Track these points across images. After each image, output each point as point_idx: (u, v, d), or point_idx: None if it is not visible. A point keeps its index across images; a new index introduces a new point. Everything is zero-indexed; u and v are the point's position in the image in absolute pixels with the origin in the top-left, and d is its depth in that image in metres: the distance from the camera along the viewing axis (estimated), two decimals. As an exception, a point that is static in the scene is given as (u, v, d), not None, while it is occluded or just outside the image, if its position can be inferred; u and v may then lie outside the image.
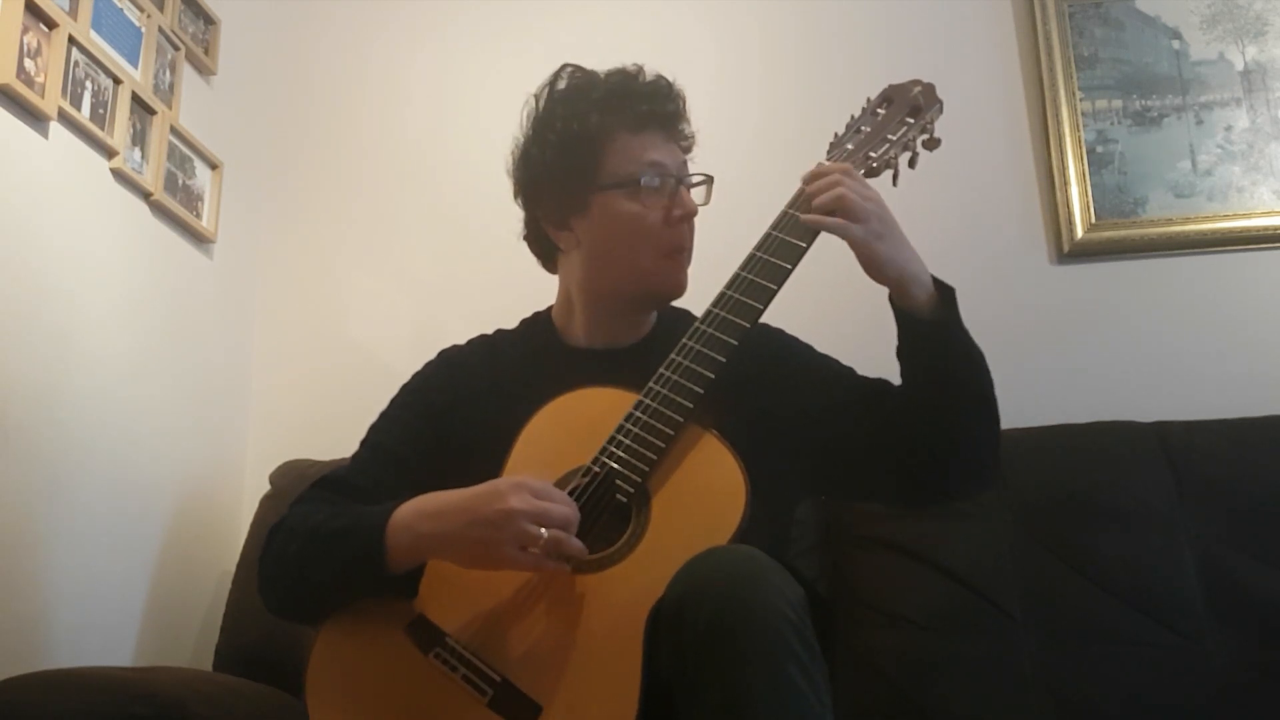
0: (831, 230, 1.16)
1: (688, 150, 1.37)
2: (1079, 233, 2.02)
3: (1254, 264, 2.00)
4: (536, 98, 1.36)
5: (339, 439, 1.70)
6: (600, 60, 1.38)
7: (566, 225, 1.34)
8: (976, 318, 1.97)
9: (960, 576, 1.65)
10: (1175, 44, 2.11)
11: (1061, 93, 2.09)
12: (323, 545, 1.16)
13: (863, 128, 1.30)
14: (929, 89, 1.32)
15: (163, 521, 1.79)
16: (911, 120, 1.29)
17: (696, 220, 1.34)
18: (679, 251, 1.31)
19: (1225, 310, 1.98)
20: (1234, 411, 1.77)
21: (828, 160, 1.27)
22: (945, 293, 1.20)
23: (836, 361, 1.36)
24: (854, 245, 1.16)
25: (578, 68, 1.36)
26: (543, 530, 1.04)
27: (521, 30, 2.24)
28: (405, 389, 1.39)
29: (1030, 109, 2.12)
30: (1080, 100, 2.09)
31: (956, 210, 2.06)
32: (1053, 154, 2.07)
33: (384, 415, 1.36)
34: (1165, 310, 1.99)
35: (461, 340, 1.45)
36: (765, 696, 0.89)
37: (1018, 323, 2.00)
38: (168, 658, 1.75)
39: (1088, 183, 2.05)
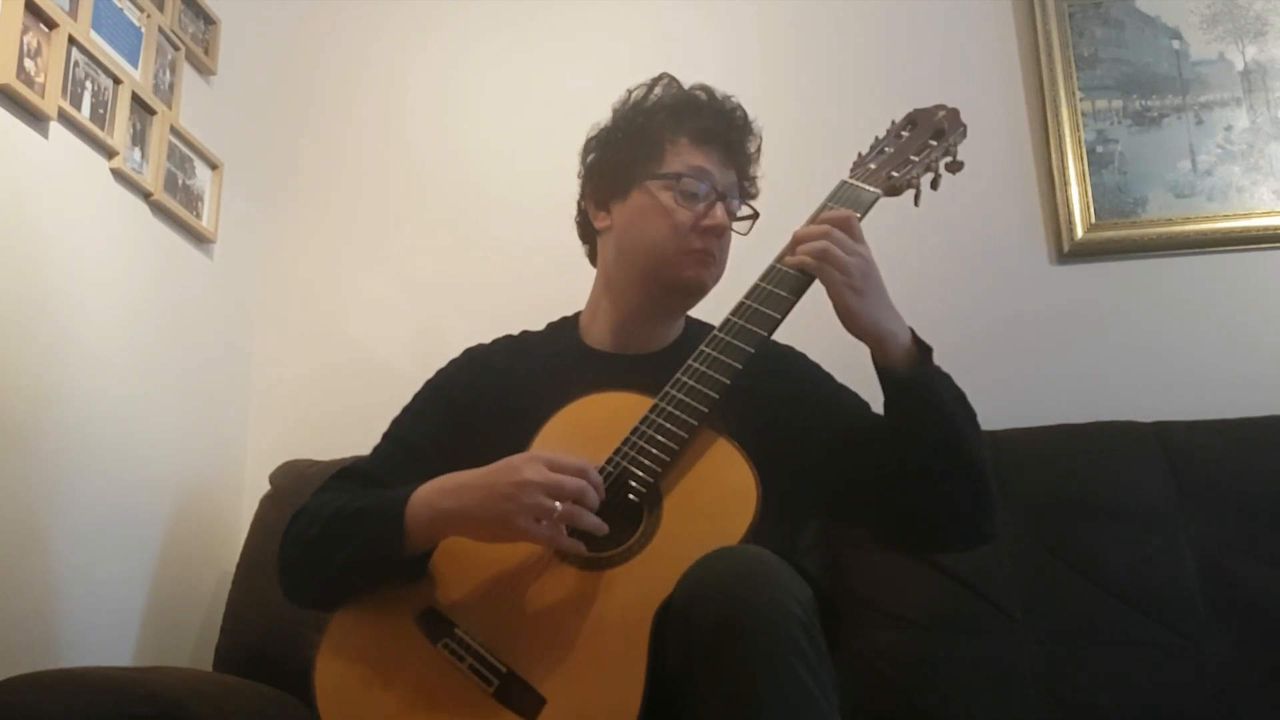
0: (810, 270, 1.18)
1: (748, 189, 1.40)
2: (1079, 233, 2.02)
3: (1254, 264, 2.00)
4: (630, 92, 1.41)
5: (339, 439, 1.71)
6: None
7: (606, 206, 1.39)
8: (977, 318, 2.00)
9: (960, 576, 1.65)
10: (1175, 44, 2.11)
11: (1061, 93, 2.09)
12: (344, 524, 1.18)
13: (886, 148, 1.32)
14: (953, 113, 1.34)
15: (163, 521, 1.79)
16: (935, 142, 1.31)
17: None
18: (701, 252, 1.32)
19: (1225, 310, 1.98)
20: (1234, 411, 1.77)
21: (850, 178, 1.28)
22: (925, 353, 1.19)
23: (854, 395, 1.36)
24: (831, 292, 1.17)
25: (674, 80, 1.41)
26: (556, 504, 1.05)
27: (521, 31, 2.24)
28: (429, 384, 1.41)
29: (1030, 109, 2.12)
30: (1080, 100, 2.09)
31: (957, 210, 2.05)
32: (1053, 154, 2.07)
33: (407, 409, 1.39)
34: (1165, 310, 1.99)
35: (460, 340, 1.46)
36: (772, 695, 0.89)
37: (1018, 323, 2.00)
38: (168, 658, 1.75)
39: (1088, 183, 2.05)
